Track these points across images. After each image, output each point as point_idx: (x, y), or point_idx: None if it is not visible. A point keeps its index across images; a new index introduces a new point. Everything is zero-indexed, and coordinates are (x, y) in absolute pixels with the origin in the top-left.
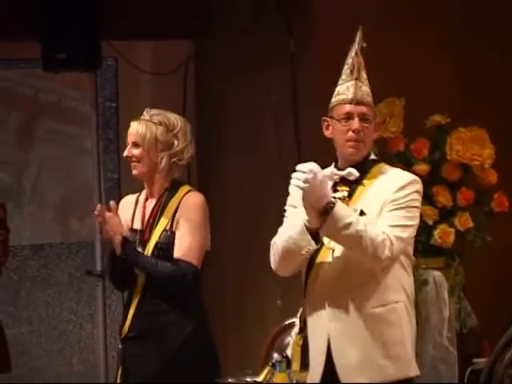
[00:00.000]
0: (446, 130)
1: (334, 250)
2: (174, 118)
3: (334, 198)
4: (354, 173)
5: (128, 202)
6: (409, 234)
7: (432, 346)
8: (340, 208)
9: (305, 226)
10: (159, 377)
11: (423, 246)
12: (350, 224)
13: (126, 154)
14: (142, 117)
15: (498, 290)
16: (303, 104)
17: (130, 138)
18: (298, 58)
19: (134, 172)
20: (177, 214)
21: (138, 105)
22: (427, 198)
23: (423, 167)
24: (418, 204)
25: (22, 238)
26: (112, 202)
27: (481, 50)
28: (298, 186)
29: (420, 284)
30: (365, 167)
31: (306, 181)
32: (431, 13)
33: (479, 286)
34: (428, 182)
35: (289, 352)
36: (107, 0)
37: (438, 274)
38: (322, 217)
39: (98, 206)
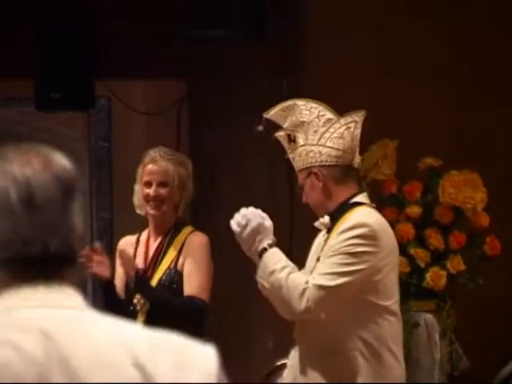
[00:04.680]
0: (439, 172)
1: None
2: (184, 157)
3: (270, 245)
4: (324, 221)
5: (128, 242)
6: (342, 281)
7: None
8: (269, 255)
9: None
10: None
11: (415, 288)
12: (273, 272)
13: (153, 193)
14: (160, 156)
15: (489, 333)
16: None
17: (156, 178)
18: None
19: (155, 212)
20: (182, 254)
21: (131, 145)
22: (419, 240)
23: (416, 210)
24: (362, 249)
25: None
26: (98, 244)
27: (474, 94)
28: (232, 228)
29: (411, 326)
30: (338, 214)
31: (238, 224)
32: (424, 57)
33: (471, 329)
34: (420, 224)
35: None
36: (101, 40)
37: (429, 316)
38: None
39: (86, 249)
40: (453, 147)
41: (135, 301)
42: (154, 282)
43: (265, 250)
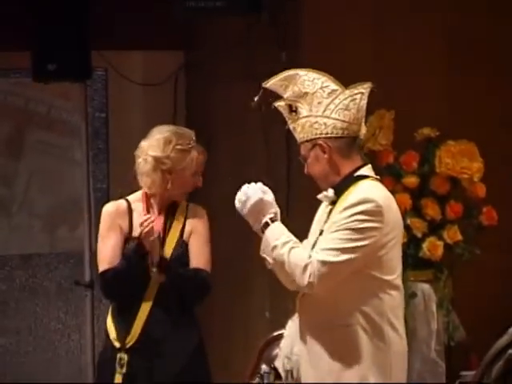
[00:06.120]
0: (436, 143)
1: None
2: None
3: (272, 220)
4: (327, 194)
5: (120, 209)
6: (346, 257)
7: (420, 358)
8: (271, 231)
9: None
10: None
11: (412, 258)
12: (274, 247)
13: (201, 184)
14: (196, 144)
15: (486, 303)
16: None
17: (202, 168)
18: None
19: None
20: (186, 226)
21: (127, 115)
22: (416, 210)
23: (412, 180)
24: (366, 225)
25: (11, 247)
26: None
27: (470, 63)
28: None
29: (408, 297)
30: (343, 186)
31: (239, 201)
32: (420, 28)
33: (467, 299)
34: (417, 194)
35: (277, 363)
36: (98, 11)
37: (426, 286)
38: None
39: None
40: (450, 117)
41: (151, 274)
42: (167, 253)
43: (267, 224)
